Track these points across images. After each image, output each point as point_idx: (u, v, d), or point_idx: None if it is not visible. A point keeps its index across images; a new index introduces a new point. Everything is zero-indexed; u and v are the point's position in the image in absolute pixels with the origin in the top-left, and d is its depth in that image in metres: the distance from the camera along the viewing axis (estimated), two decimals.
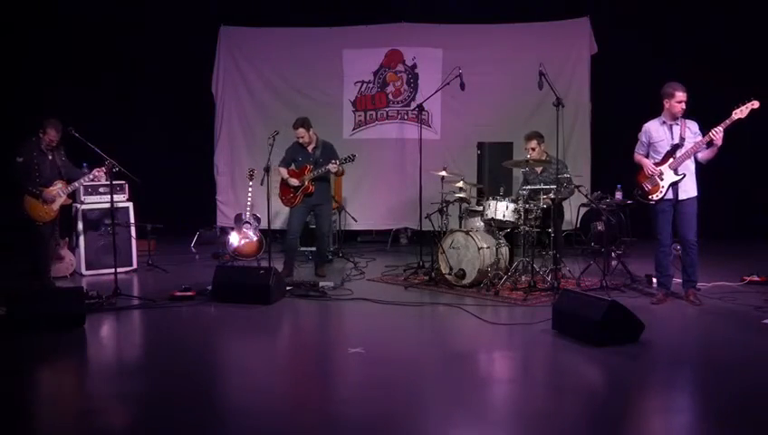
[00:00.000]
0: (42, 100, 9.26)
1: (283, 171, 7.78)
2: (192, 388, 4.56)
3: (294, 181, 7.70)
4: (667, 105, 6.20)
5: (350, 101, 10.52)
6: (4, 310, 5.74)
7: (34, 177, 7.16)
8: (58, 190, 7.26)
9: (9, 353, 5.30)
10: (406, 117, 10.41)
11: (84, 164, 8.18)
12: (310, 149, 7.77)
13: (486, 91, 9.80)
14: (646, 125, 6.39)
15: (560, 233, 7.40)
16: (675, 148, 6.18)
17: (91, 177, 7.42)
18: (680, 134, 6.17)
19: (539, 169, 7.68)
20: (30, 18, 9.82)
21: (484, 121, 9.95)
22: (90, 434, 3.96)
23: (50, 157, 7.29)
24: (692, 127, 6.19)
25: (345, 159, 7.63)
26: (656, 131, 6.31)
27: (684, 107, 6.13)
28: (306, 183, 7.66)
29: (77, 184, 7.53)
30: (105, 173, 7.29)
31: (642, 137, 6.41)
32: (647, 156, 6.37)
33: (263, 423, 4.03)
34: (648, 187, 6.31)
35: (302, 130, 7.65)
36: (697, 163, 6.25)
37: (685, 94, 6.11)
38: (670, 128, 6.23)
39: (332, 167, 7.59)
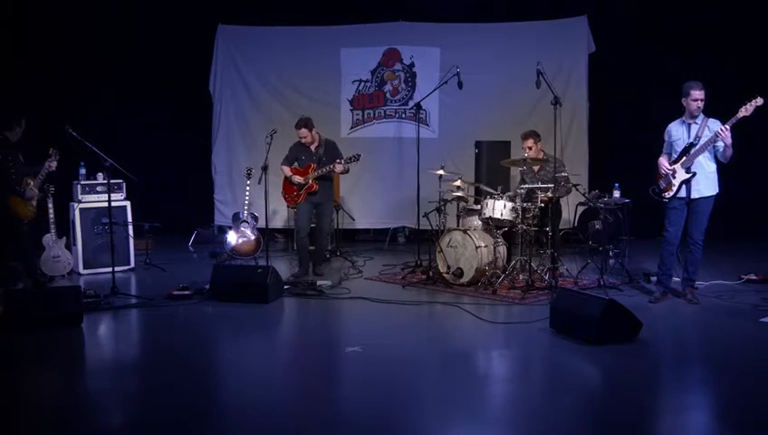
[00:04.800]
0: (40, 99, 9.24)
1: (287, 169, 7.73)
2: (190, 387, 4.55)
3: (299, 179, 7.66)
4: (684, 104, 6.25)
5: (347, 99, 10.53)
6: (2, 309, 5.73)
7: (11, 175, 6.98)
8: (32, 187, 7.07)
9: (7, 353, 5.29)
10: (403, 116, 10.42)
11: (82, 163, 8.18)
12: (313, 148, 7.74)
13: (484, 89, 9.82)
14: (669, 125, 6.44)
15: (557, 232, 7.41)
16: (689, 146, 6.21)
17: (47, 169, 7.12)
18: (697, 133, 6.19)
19: (536, 168, 7.69)
20: (28, 17, 9.81)
21: (481, 120, 9.96)
22: (88, 433, 3.96)
23: (19, 154, 7.10)
24: (712, 126, 6.17)
25: (350, 159, 7.61)
26: (675, 130, 6.37)
27: (699, 105, 6.16)
28: (311, 181, 7.65)
29: (41, 177, 7.16)
30: (54, 159, 7.09)
31: (665, 136, 6.48)
32: (669, 155, 6.41)
33: (260, 422, 4.02)
34: (662, 185, 6.36)
35: (304, 131, 7.62)
36: (720, 163, 6.25)
37: (700, 93, 6.15)
38: (688, 127, 6.27)
39: (339, 167, 7.56)
